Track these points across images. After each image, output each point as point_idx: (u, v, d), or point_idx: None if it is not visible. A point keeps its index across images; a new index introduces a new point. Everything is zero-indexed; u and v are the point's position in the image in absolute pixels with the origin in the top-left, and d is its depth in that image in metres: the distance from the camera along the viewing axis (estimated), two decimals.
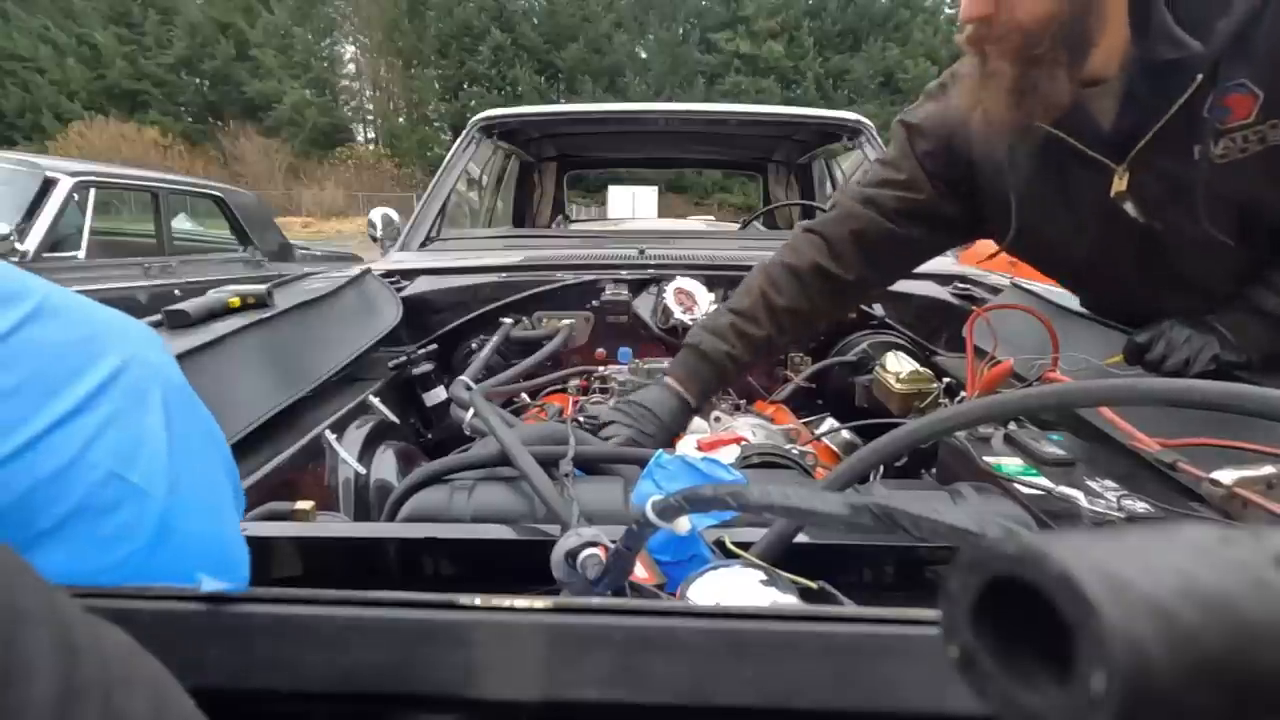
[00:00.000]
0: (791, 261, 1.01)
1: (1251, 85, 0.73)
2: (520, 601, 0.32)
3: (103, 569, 0.32)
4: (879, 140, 1.98)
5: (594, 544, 0.44)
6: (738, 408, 1.19)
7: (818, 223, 1.04)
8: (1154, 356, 0.84)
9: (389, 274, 1.47)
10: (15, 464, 0.30)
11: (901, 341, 1.35)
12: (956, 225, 1.00)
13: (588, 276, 1.46)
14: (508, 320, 1.37)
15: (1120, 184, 0.82)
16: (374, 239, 1.95)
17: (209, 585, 0.32)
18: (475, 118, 2.04)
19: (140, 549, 0.33)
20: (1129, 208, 0.83)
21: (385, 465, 0.90)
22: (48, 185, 2.91)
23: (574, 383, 1.27)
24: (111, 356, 0.34)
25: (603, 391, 1.19)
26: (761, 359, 1.03)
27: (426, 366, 1.28)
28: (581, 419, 0.88)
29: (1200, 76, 0.74)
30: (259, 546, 0.52)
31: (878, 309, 1.40)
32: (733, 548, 0.49)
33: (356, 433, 0.92)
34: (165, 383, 0.37)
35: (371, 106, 33.33)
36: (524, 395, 1.18)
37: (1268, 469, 0.55)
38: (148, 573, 0.34)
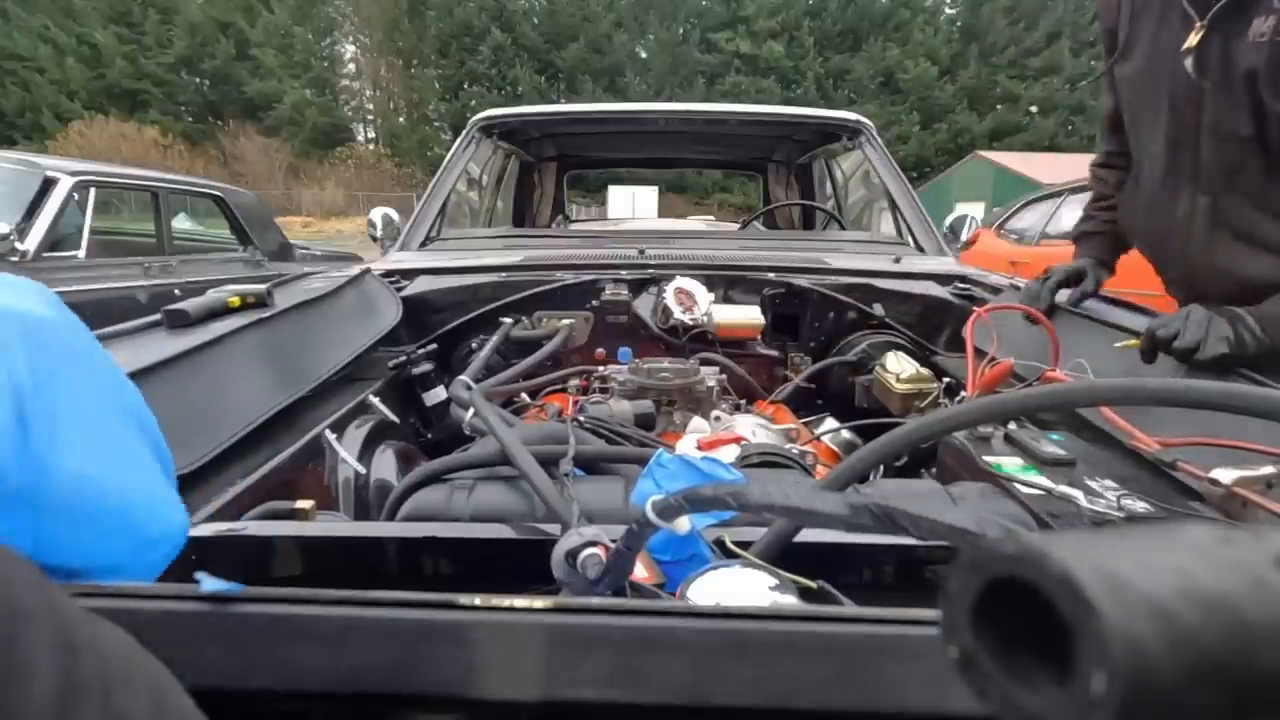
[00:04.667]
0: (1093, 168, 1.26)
1: None
2: (520, 601, 0.32)
3: None
4: (879, 140, 1.97)
5: (594, 544, 0.44)
6: (738, 408, 1.18)
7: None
8: (1166, 334, 0.82)
9: (389, 274, 1.47)
10: None
11: (901, 341, 1.35)
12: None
13: (588, 276, 1.46)
14: (508, 320, 1.37)
15: (1193, 39, 0.88)
16: (374, 239, 1.96)
17: (209, 585, 0.32)
18: (475, 118, 2.04)
19: (25, 486, 0.31)
20: (1188, 64, 0.89)
21: (385, 465, 0.90)
22: (48, 185, 2.91)
23: (574, 383, 1.27)
24: None
25: (603, 391, 1.19)
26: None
27: (426, 366, 1.27)
28: (582, 419, 0.88)
29: None
30: (259, 546, 0.52)
31: (878, 309, 1.40)
32: (732, 547, 0.49)
33: (356, 432, 0.92)
34: (27, 326, 0.34)
35: (371, 106, 33.34)
36: (524, 395, 1.18)
37: (1267, 469, 0.55)
38: (39, 512, 0.31)
